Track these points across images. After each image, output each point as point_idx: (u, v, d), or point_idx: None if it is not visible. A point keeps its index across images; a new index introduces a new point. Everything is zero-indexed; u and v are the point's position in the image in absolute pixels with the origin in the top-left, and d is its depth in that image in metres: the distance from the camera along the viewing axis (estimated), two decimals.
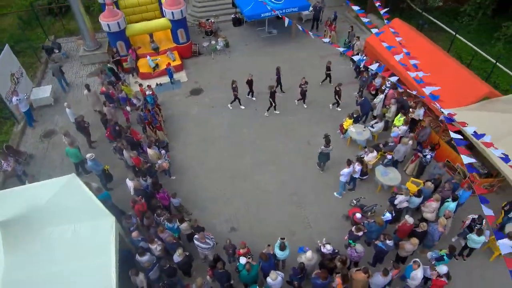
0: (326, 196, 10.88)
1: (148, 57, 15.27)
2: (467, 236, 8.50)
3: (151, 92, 12.88)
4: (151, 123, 12.05)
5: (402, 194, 9.20)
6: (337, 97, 13.27)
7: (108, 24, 14.17)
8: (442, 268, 7.62)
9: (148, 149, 10.90)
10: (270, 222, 10.26)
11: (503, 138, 9.18)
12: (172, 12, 14.69)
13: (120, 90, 13.18)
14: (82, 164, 11.29)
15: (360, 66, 14.23)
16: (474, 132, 8.98)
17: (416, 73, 11.03)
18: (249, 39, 17.83)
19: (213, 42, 16.74)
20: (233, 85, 13.22)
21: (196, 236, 8.49)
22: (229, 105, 13.90)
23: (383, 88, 12.95)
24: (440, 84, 10.79)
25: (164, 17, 15.45)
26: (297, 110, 13.81)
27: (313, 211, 10.51)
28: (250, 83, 13.64)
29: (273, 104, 13.30)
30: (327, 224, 10.19)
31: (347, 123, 12.08)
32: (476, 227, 8.43)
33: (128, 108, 13.15)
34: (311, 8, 17.53)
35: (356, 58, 12.62)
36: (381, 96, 12.53)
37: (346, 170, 9.93)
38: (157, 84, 15.15)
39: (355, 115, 12.07)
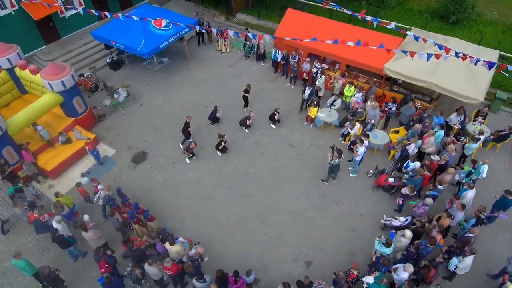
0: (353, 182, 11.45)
1: (38, 127, 11.50)
2: (465, 146, 10.78)
3: (102, 187, 9.96)
4: (139, 219, 9.51)
5: (410, 143, 10.69)
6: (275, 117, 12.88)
7: None
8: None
9: (169, 247, 8.62)
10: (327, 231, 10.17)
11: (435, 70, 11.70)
12: (62, 81, 11.30)
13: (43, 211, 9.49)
14: None
15: (278, 60, 14.88)
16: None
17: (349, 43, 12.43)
18: (145, 78, 15.66)
19: (115, 96, 13.92)
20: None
21: None
22: (187, 160, 12.16)
23: (313, 71, 14.07)
24: (364, 47, 12.64)
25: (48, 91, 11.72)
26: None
27: (349, 204, 10.95)
28: (187, 126, 12.05)
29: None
30: (366, 203, 10.83)
31: (313, 111, 12.70)
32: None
33: (86, 218, 9.74)
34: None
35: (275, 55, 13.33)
36: (322, 78, 13.60)
37: (361, 149, 10.65)
38: (83, 174, 11.71)
39: (315, 102, 12.78)
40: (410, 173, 10.36)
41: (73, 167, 12.00)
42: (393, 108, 12.28)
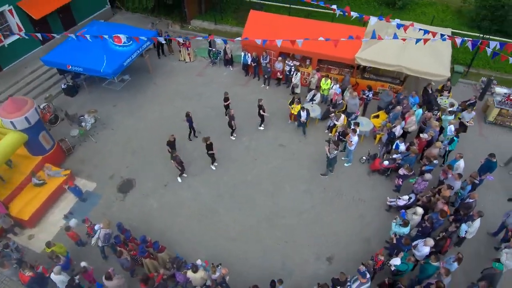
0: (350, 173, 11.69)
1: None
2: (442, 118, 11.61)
3: (101, 225, 9.05)
4: (150, 253, 8.79)
5: (395, 125, 11.22)
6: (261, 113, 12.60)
7: None
8: None
9: (192, 275, 8.09)
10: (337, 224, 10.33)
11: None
12: (26, 117, 9.98)
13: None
14: None
15: (249, 63, 14.72)
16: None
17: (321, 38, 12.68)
18: (109, 100, 14.51)
19: (83, 124, 12.69)
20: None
21: None
22: (179, 178, 11.53)
23: (286, 69, 14.14)
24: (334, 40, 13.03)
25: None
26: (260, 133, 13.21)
27: (351, 194, 11.20)
28: (171, 144, 11.32)
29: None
30: (366, 189, 11.17)
31: (296, 108, 12.77)
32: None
33: (84, 264, 8.73)
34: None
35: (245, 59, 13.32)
36: (298, 75, 13.72)
37: (355, 138, 10.94)
38: (65, 216, 10.57)
39: (296, 99, 12.86)
40: (399, 154, 10.88)
41: (53, 210, 10.75)
42: (370, 95, 12.80)
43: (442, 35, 9.75)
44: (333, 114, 12.36)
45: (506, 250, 8.12)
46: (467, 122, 11.66)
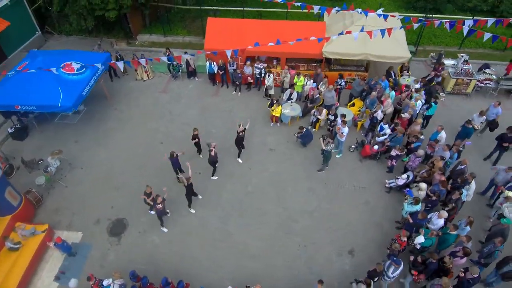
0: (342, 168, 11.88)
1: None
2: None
3: (110, 281, 8.03)
4: None
5: (376, 110, 11.74)
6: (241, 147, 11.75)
7: None
8: None
9: None
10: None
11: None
12: None
13: None
14: None
15: (215, 72, 14.22)
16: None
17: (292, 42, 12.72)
18: (67, 136, 12.90)
19: (49, 169, 11.09)
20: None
21: None
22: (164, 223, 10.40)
23: (256, 72, 13.93)
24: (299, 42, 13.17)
25: None
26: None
27: (351, 183, 11.44)
28: (149, 195, 10.02)
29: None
30: (362, 176, 11.51)
31: (278, 110, 12.67)
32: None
33: None
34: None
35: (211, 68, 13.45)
36: (271, 77, 13.57)
37: (346, 129, 11.18)
38: (57, 278, 9.20)
39: (275, 101, 12.74)
40: (386, 136, 11.40)
41: (39, 274, 9.25)
42: (343, 83, 13.22)
43: (401, 26, 10.43)
44: (314, 110, 12.51)
45: (506, 204, 8.96)
46: (476, 125, 11.47)
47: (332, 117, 12.08)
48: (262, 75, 13.84)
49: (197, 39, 17.50)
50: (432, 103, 11.77)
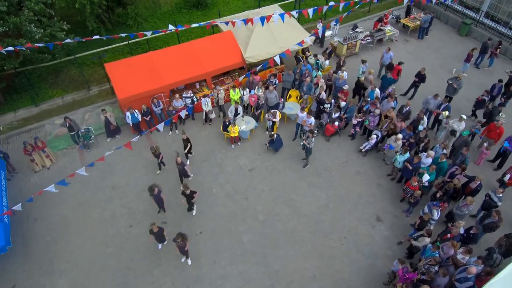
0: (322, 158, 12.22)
1: None
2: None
3: None
4: None
5: (320, 92, 12.62)
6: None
7: None
8: None
9: None
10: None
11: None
12: None
13: None
14: None
15: (139, 120, 12.21)
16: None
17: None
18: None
19: None
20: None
21: None
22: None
23: (187, 102, 12.65)
24: (218, 57, 12.72)
25: None
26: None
27: (336, 164, 12.07)
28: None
29: None
30: (341, 153, 12.34)
31: (236, 129, 12.02)
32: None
33: None
34: None
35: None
36: (208, 100, 12.57)
37: (312, 119, 11.63)
38: None
39: (227, 122, 12.03)
40: (340, 111, 12.38)
41: None
42: (276, 81, 13.57)
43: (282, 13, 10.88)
44: (267, 115, 12.45)
45: (451, 121, 11.34)
46: (434, 110, 12.20)
47: (328, 105, 12.45)
48: (193, 102, 12.70)
49: (81, 94, 14.45)
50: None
